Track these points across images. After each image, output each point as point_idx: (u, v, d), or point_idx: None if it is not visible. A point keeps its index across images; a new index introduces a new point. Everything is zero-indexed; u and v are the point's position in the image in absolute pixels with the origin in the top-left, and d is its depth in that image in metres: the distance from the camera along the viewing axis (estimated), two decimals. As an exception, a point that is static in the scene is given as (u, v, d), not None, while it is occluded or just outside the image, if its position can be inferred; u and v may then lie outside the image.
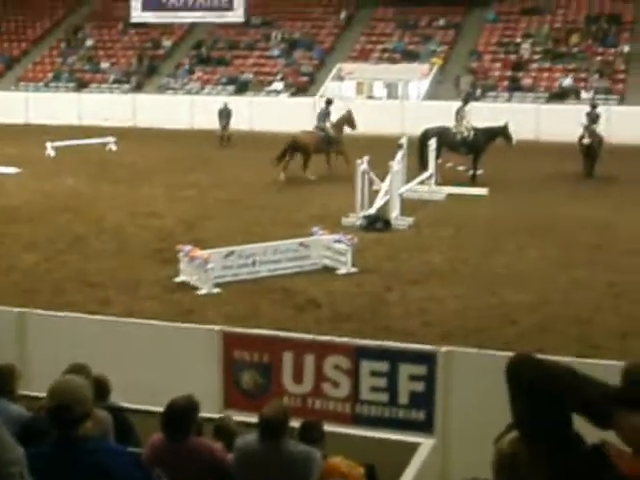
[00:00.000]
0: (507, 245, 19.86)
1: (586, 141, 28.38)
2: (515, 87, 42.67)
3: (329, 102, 30.44)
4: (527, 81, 43.11)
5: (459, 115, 28.28)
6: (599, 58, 43.51)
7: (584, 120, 29.05)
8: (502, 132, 27.83)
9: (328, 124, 29.24)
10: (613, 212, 23.20)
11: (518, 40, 45.62)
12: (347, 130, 29.44)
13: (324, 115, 29.66)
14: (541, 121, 37.56)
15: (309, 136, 28.89)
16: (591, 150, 28.36)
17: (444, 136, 27.39)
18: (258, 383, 10.13)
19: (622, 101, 40.73)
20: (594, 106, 30.04)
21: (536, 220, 22.22)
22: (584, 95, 40.30)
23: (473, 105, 30.12)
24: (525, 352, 3.17)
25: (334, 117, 29.58)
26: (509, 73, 43.71)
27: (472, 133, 27.71)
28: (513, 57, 44.73)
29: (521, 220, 22.26)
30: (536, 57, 44.57)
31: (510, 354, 3.84)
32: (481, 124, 28.06)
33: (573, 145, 28.92)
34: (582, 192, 26.26)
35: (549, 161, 29.84)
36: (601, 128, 29.28)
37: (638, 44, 43.74)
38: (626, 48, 43.77)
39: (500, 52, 45.32)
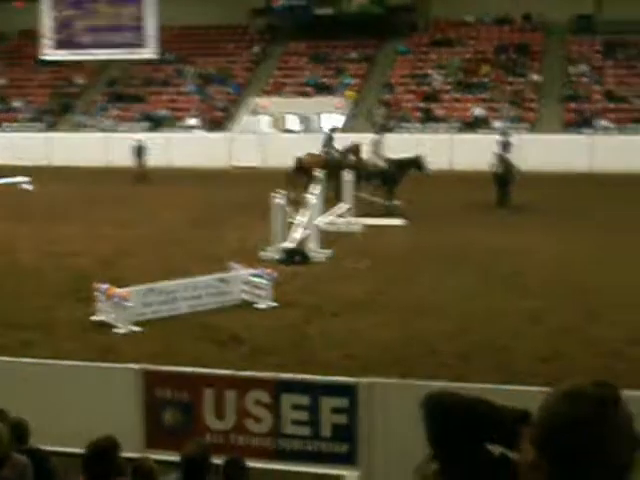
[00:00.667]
0: (424, 275, 20.01)
1: (498, 170, 28.80)
2: (428, 118, 43.17)
3: (333, 130, 32.36)
4: (440, 112, 43.65)
5: (374, 147, 28.49)
6: (509, 87, 44.25)
7: (496, 149, 29.48)
8: (415, 163, 28.07)
9: (333, 150, 30.80)
10: (528, 239, 23.55)
11: (429, 71, 46.21)
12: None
13: (328, 140, 31.44)
14: (454, 151, 38.08)
15: (314, 158, 30.10)
16: (504, 178, 28.76)
17: (360, 168, 27.58)
18: (179, 421, 10.07)
19: (533, 129, 41.45)
20: (506, 135, 30.50)
21: (452, 249, 22.45)
22: (496, 124, 40.90)
23: (387, 136, 30.37)
24: (436, 391, 3.20)
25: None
26: (422, 104, 44.22)
27: (386, 164, 27.93)
28: (425, 88, 45.27)
29: (438, 249, 22.47)
30: (448, 88, 45.18)
31: (432, 383, 3.88)
32: (395, 155, 28.31)
33: (486, 174, 29.32)
34: (497, 220, 26.62)
35: (463, 190, 30.25)
36: (513, 156, 29.71)
37: (547, 73, 44.61)
38: (535, 77, 44.60)
39: (412, 84, 45.85)
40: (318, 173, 27.45)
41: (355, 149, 30.26)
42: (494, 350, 14.77)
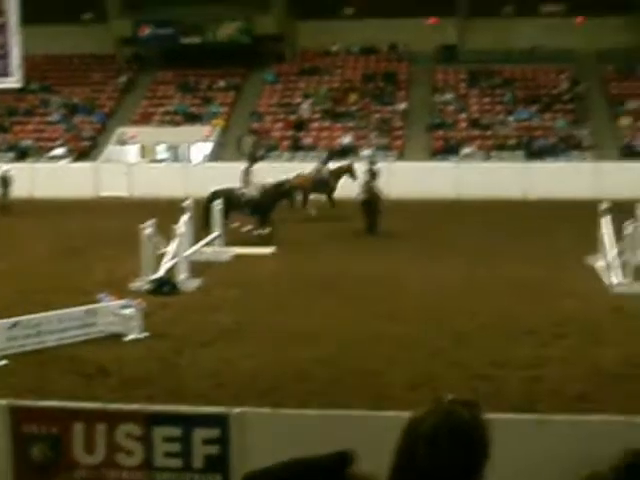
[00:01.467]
0: (295, 302, 20.04)
1: (365, 197, 29.02)
2: (297, 146, 43.41)
3: (331, 154, 36.91)
4: (308, 140, 43.93)
5: (246, 176, 28.42)
6: (377, 116, 44.81)
7: (364, 177, 29.76)
8: (288, 193, 28.09)
9: (324, 170, 34.32)
10: (396, 266, 23.81)
11: (298, 100, 46.50)
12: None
13: (324, 162, 35.11)
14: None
15: (302, 178, 33.53)
16: (371, 206, 29.01)
17: (230, 197, 27.50)
18: (48, 456, 9.84)
19: (401, 157, 42.05)
20: (373, 163, 30.81)
21: (323, 276, 22.56)
22: (363, 152, 41.34)
23: (257, 165, 30.39)
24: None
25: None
26: (290, 133, 44.44)
27: (258, 193, 27.89)
28: (293, 117, 45.52)
29: (308, 277, 22.55)
30: (316, 116, 45.52)
31: (305, 411, 3.87)
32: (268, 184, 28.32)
33: (354, 201, 29.53)
34: (366, 247, 26.86)
35: (331, 217, 30.40)
36: (381, 184, 30.03)
37: (414, 102, 45.35)
38: (402, 105, 45.28)
39: (280, 112, 46.06)
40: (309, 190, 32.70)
41: (349, 168, 33.99)
42: (365, 376, 14.84)
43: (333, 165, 35.16)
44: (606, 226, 22.89)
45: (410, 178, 37.75)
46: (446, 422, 2.84)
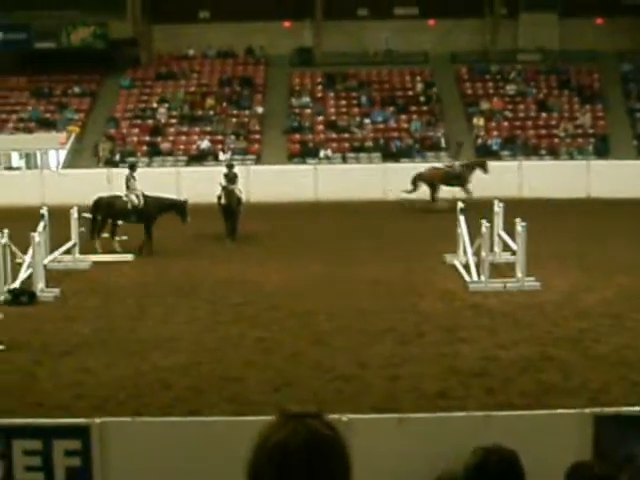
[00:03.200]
0: (155, 310, 19.87)
1: (224, 201, 28.90)
2: (154, 152, 43.06)
3: (459, 146, 37.68)
4: (166, 145, 43.65)
5: (128, 183, 27.78)
6: (234, 120, 44.79)
7: (222, 181, 29.66)
8: (179, 207, 27.51)
9: (458, 162, 35.68)
10: (256, 269, 23.85)
11: (154, 105, 46.14)
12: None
13: (453, 156, 37.34)
14: (182, 184, 38.06)
15: (434, 171, 35.31)
16: (230, 210, 28.91)
17: (115, 204, 27.02)
18: None
19: (259, 160, 42.12)
20: (231, 167, 30.71)
21: (183, 282, 22.44)
22: (222, 156, 41.27)
23: (112, 171, 29.92)
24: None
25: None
26: (147, 138, 44.07)
27: (144, 201, 27.30)
28: (150, 122, 45.15)
29: (168, 284, 22.40)
30: (173, 121, 45.25)
31: (167, 419, 3.86)
32: (161, 194, 27.87)
33: (214, 205, 29.40)
34: (226, 251, 26.83)
35: (192, 222, 30.13)
36: (240, 188, 29.97)
37: (270, 105, 45.48)
38: (260, 109, 45.37)
39: (137, 117, 45.62)
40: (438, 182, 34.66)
41: (483, 163, 35.38)
42: (227, 381, 14.83)
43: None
44: (463, 225, 23.36)
45: (269, 181, 37.85)
46: (296, 435, 2.86)
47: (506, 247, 23.15)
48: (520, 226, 21.19)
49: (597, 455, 9.65)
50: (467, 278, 21.91)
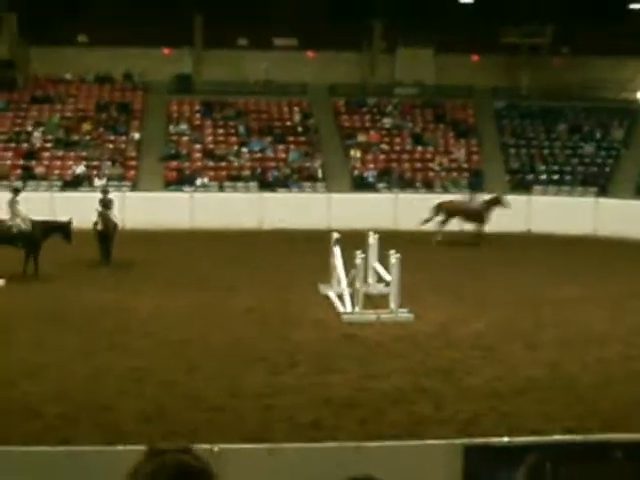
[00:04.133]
0: (24, 336, 19.46)
1: (100, 227, 28.61)
2: (28, 176, 42.29)
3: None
4: (40, 169, 42.90)
5: (12, 207, 27.18)
6: (111, 145, 44.32)
7: (98, 206, 29.32)
8: (63, 228, 27.14)
9: (477, 200, 35.59)
10: (129, 296, 23.60)
11: (29, 129, 45.36)
12: None
13: (473, 193, 36.76)
14: (56, 209, 37.41)
15: (455, 203, 35.48)
16: (106, 236, 28.62)
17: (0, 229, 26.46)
18: None
19: (135, 187, 41.72)
20: (106, 192, 30.37)
21: (54, 308, 22.07)
22: (97, 182, 40.75)
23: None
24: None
25: None
26: (22, 162, 43.29)
27: (30, 226, 26.76)
28: (25, 146, 44.37)
29: (38, 310, 21.97)
30: (48, 145, 44.54)
31: (37, 449, 3.79)
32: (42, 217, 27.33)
33: (89, 231, 29.00)
34: (99, 278, 26.48)
35: (66, 248, 29.63)
36: (115, 214, 29.66)
37: (148, 131, 45.15)
38: (137, 135, 44.98)
39: (11, 141, 44.78)
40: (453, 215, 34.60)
41: (500, 199, 35.23)
42: (99, 410, 14.62)
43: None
44: (338, 256, 23.51)
45: (144, 208, 37.52)
46: (165, 467, 2.85)
47: (380, 278, 23.37)
48: (394, 258, 21.43)
49: (466, 485, 9.79)
50: (341, 309, 22.05)
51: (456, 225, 35.05)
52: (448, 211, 34.90)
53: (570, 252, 32.80)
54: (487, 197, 36.03)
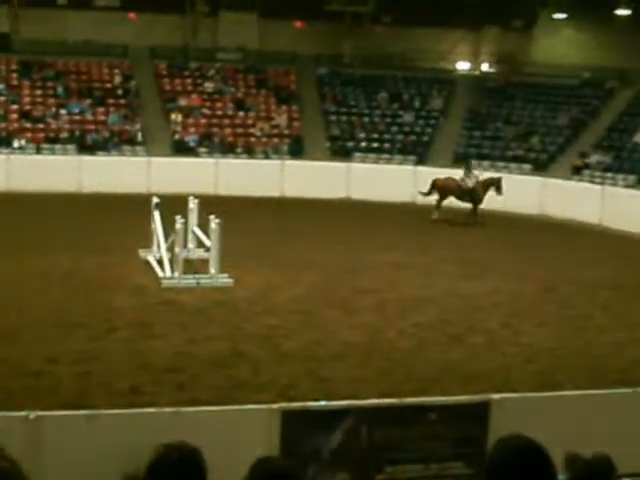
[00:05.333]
0: None
1: None
2: None
3: (468, 166, 35.59)
4: None
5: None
6: None
7: None
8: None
9: (472, 179, 34.09)
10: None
11: None
12: None
13: (468, 171, 34.62)
14: None
15: (448, 181, 34.16)
16: None
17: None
18: None
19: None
20: None
21: None
22: None
23: None
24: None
25: None
26: None
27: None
28: None
29: None
30: None
31: None
32: None
33: None
34: None
35: None
36: None
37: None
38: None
39: None
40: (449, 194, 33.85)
41: (497, 182, 34.07)
42: None
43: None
44: (157, 221, 23.32)
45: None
46: None
47: (200, 243, 23.32)
48: (214, 223, 21.43)
49: (284, 449, 9.93)
50: (160, 274, 21.93)
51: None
52: (442, 189, 34.06)
53: (390, 220, 33.45)
54: (485, 176, 34.98)
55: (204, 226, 22.82)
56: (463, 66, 50.87)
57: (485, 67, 50.88)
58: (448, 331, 18.61)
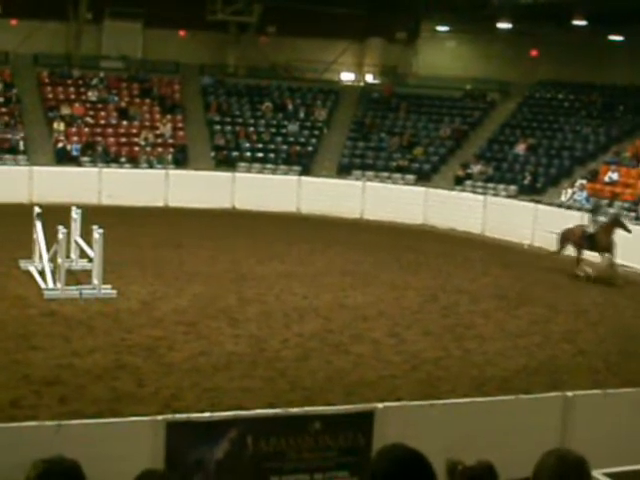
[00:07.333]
0: None
1: None
2: None
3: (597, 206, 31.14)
4: None
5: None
6: None
7: None
8: None
9: (594, 223, 28.67)
10: None
11: None
12: None
13: (594, 214, 29.68)
14: None
15: (574, 229, 28.85)
16: None
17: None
18: None
19: None
20: None
21: None
22: None
23: None
24: None
25: None
26: None
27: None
28: None
29: None
30: None
31: None
32: None
33: None
34: None
35: None
36: None
37: None
38: None
39: None
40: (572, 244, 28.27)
41: (618, 221, 28.23)
42: None
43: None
44: (39, 231, 22.92)
45: None
46: None
47: (83, 254, 22.99)
48: (97, 233, 21.15)
49: (169, 461, 9.84)
50: (42, 285, 21.56)
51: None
52: (566, 240, 28.72)
53: (275, 230, 33.47)
54: (604, 220, 28.90)
55: (87, 236, 22.50)
56: (348, 77, 51.26)
57: (369, 78, 51.35)
58: (333, 341, 18.69)
